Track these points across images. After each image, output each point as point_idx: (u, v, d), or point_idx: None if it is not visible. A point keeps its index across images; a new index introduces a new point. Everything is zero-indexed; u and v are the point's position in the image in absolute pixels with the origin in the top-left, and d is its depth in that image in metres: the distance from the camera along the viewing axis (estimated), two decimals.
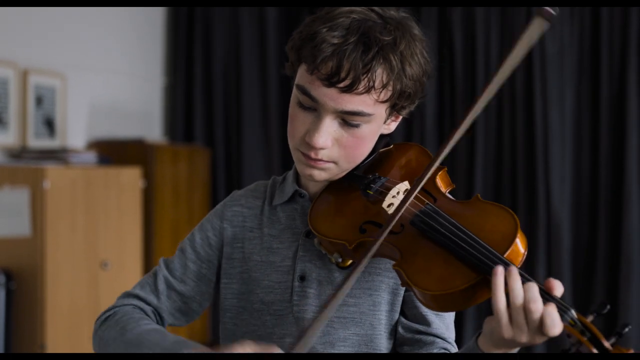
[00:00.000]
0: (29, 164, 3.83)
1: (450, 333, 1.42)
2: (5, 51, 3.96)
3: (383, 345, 1.41)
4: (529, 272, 4.83)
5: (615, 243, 4.45)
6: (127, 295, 1.51)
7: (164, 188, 4.54)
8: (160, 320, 1.50)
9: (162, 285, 1.49)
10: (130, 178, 4.19)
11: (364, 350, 1.40)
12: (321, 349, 1.40)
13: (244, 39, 5.15)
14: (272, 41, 5.16)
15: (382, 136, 1.44)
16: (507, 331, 1.14)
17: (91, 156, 4.12)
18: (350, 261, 1.37)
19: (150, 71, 5.17)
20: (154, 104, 5.20)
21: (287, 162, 5.11)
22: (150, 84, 5.18)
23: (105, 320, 1.46)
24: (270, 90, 5.16)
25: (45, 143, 4.17)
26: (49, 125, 4.23)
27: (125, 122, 4.87)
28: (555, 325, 1.11)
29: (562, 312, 1.12)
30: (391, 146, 1.49)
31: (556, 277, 4.52)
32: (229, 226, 1.51)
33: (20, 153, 3.97)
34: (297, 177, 1.50)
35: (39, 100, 4.15)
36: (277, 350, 1.19)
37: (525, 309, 1.13)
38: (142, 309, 1.48)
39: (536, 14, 1.24)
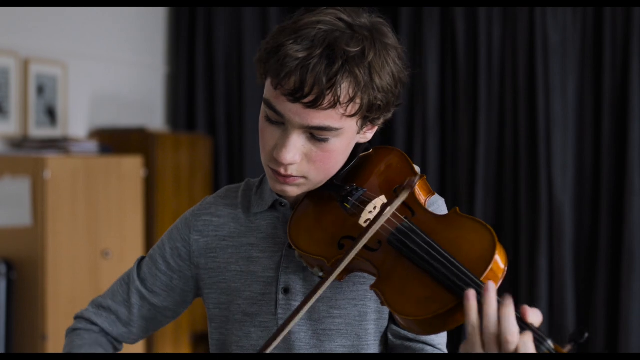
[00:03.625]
0: (30, 153, 3.81)
1: (440, 339, 1.39)
2: (6, 40, 3.95)
3: None
4: (530, 263, 4.79)
5: (618, 233, 4.43)
6: (99, 306, 1.50)
7: (165, 177, 4.52)
8: (129, 335, 1.50)
9: (134, 299, 1.48)
10: (132, 167, 4.17)
11: None
12: None
13: (246, 27, 5.12)
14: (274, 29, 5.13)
15: (359, 143, 1.39)
16: (479, 352, 1.12)
17: (92, 145, 4.10)
18: None
19: (152, 60, 5.15)
20: (155, 93, 5.19)
21: None
22: (152, 72, 5.16)
23: (73, 332, 1.49)
24: None
25: (46, 132, 4.16)
26: (51, 114, 4.21)
27: (126, 111, 4.86)
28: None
29: (539, 342, 1.09)
30: (370, 150, 1.43)
31: (558, 267, 4.50)
32: (199, 237, 1.46)
33: (21, 142, 3.96)
34: None
35: (40, 90, 4.13)
36: None
37: (500, 338, 1.09)
38: (108, 334, 1.49)
39: (407, 186, 1.29)
